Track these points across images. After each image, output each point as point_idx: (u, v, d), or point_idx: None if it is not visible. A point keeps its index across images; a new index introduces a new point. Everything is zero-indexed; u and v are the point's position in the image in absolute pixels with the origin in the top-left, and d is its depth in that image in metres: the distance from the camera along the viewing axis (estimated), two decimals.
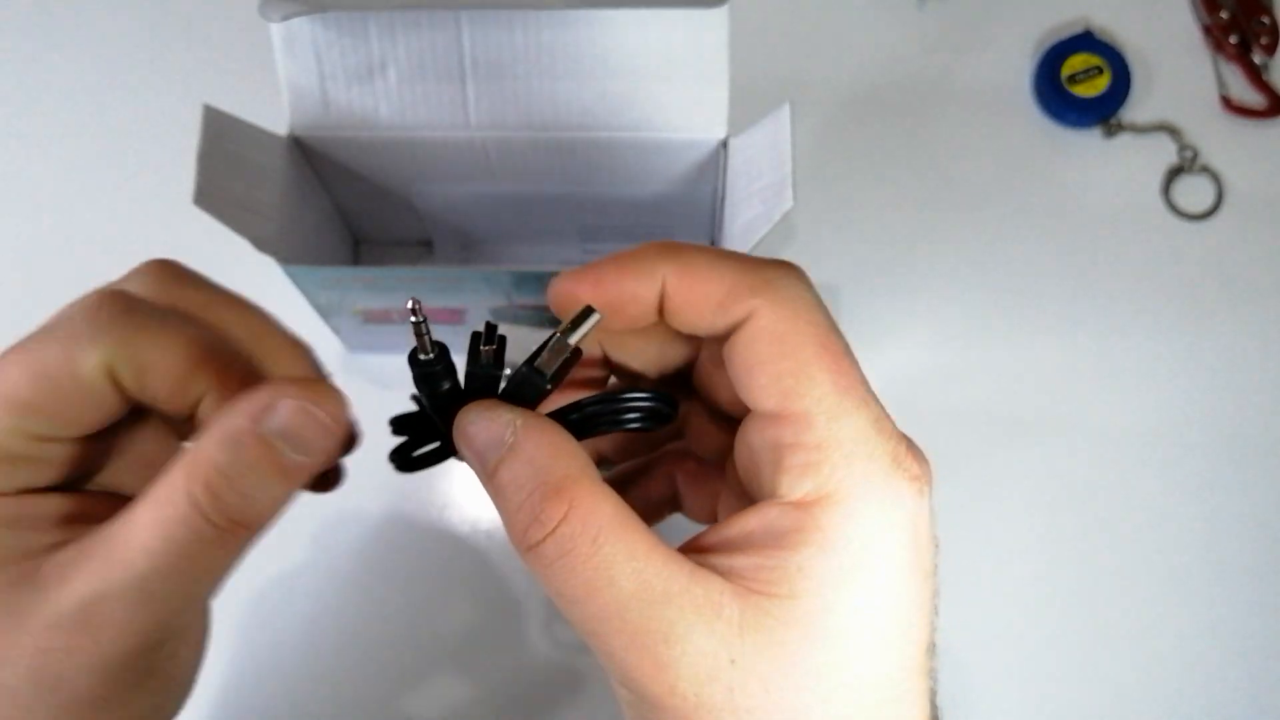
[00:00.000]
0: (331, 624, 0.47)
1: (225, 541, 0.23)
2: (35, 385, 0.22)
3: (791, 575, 0.22)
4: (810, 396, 0.23)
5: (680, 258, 0.24)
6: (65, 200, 0.55)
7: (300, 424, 0.23)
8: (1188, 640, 0.47)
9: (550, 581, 0.22)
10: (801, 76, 0.56)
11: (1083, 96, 0.54)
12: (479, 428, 0.24)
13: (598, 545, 0.22)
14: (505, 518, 0.23)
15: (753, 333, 0.23)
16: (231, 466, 0.22)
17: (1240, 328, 0.51)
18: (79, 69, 0.57)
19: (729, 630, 0.22)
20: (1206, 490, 0.49)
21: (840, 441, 0.22)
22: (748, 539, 0.23)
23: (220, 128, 0.38)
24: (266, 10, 0.40)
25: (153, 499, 0.23)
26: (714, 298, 0.24)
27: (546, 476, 0.22)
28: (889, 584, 0.23)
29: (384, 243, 0.53)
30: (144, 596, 0.22)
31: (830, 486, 0.22)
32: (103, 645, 0.22)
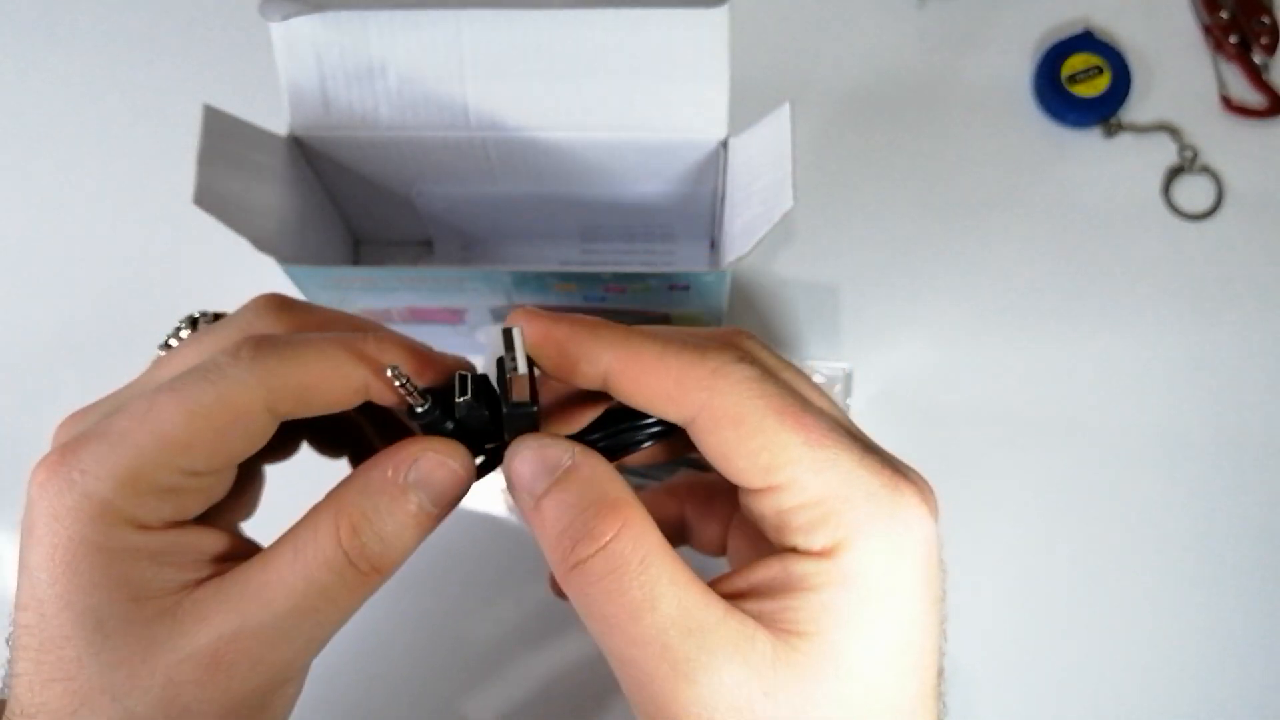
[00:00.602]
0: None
1: (361, 585, 0.25)
2: (191, 424, 0.23)
3: (817, 614, 0.23)
4: (789, 463, 0.23)
5: (625, 346, 0.24)
6: (65, 200, 0.55)
7: (439, 477, 0.25)
8: (1188, 640, 0.47)
9: (594, 601, 0.23)
10: (801, 76, 0.56)
11: (1083, 96, 0.54)
12: (535, 452, 0.24)
13: (645, 565, 0.23)
14: (552, 538, 0.24)
15: (710, 423, 0.24)
16: (376, 513, 0.24)
17: (1240, 328, 0.51)
18: (79, 69, 0.57)
19: (762, 664, 0.23)
20: (1206, 490, 0.49)
21: (834, 491, 0.23)
22: (770, 585, 0.24)
23: (220, 128, 0.38)
24: (266, 10, 0.40)
25: (296, 541, 0.24)
26: (662, 392, 0.24)
27: (603, 494, 0.24)
28: (905, 614, 0.24)
29: (384, 243, 0.53)
30: (279, 635, 0.24)
31: (841, 533, 0.23)
32: (234, 682, 0.23)
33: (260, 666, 0.24)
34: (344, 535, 0.24)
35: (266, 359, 0.24)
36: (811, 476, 0.23)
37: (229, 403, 0.24)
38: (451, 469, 0.25)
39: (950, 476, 0.49)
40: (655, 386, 0.24)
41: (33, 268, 0.54)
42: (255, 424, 0.24)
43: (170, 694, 0.23)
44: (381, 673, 0.47)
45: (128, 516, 0.23)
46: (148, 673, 0.23)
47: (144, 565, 0.24)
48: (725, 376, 0.24)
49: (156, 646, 0.23)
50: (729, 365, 0.24)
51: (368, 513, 0.24)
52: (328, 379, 0.25)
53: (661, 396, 0.24)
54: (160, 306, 0.53)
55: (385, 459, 0.25)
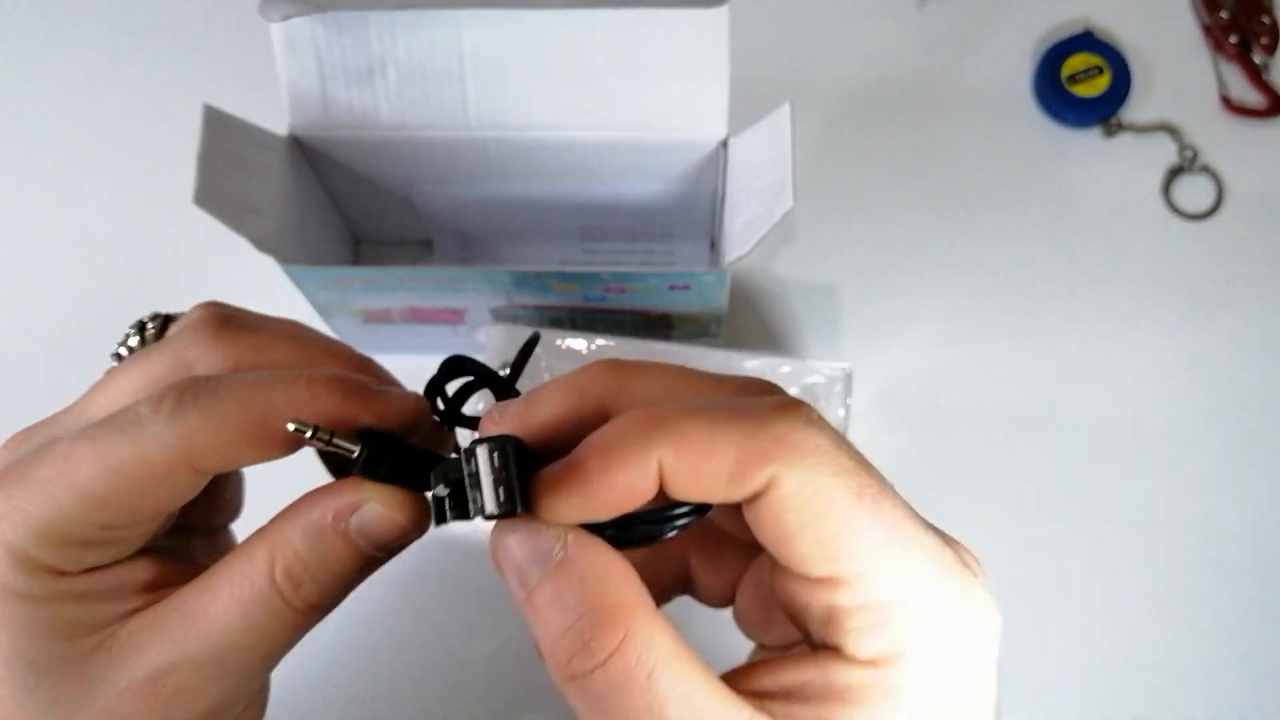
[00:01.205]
0: (325, 623, 0.47)
1: (299, 622, 0.24)
2: (109, 481, 0.22)
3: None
4: (861, 557, 0.21)
5: (673, 431, 0.21)
6: (65, 200, 0.55)
7: (383, 529, 0.23)
8: (1188, 640, 0.47)
9: (595, 714, 0.21)
10: (801, 76, 0.56)
11: (1083, 96, 0.54)
12: (521, 540, 0.22)
13: (652, 682, 0.20)
14: (545, 641, 0.21)
15: (778, 502, 0.21)
16: (313, 556, 0.23)
17: (1240, 327, 0.51)
18: (79, 69, 0.57)
19: None
20: (1206, 490, 0.49)
21: (905, 597, 0.21)
22: (805, 690, 0.21)
23: (220, 128, 0.38)
24: (266, 10, 0.40)
25: (232, 576, 0.23)
26: (723, 472, 0.21)
27: (600, 600, 0.21)
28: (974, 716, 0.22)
29: (384, 243, 0.53)
30: (219, 666, 0.23)
31: (900, 646, 0.21)
32: (176, 711, 0.23)
33: (202, 695, 0.23)
34: (278, 574, 0.23)
35: (187, 414, 0.22)
36: (881, 578, 0.21)
37: (146, 460, 0.22)
38: (396, 524, 0.23)
39: (950, 476, 0.49)
40: (716, 468, 0.21)
41: (32, 268, 0.54)
42: (176, 481, 0.23)
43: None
44: (381, 680, 0.47)
45: (46, 566, 0.22)
46: (86, 706, 0.22)
47: (70, 607, 0.23)
48: (795, 448, 0.21)
49: (93, 681, 0.22)
50: (796, 430, 0.21)
51: (303, 555, 0.23)
52: (253, 434, 0.23)
53: (724, 478, 0.21)
54: (160, 307, 0.53)
55: (326, 500, 0.23)
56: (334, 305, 0.45)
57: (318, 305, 0.45)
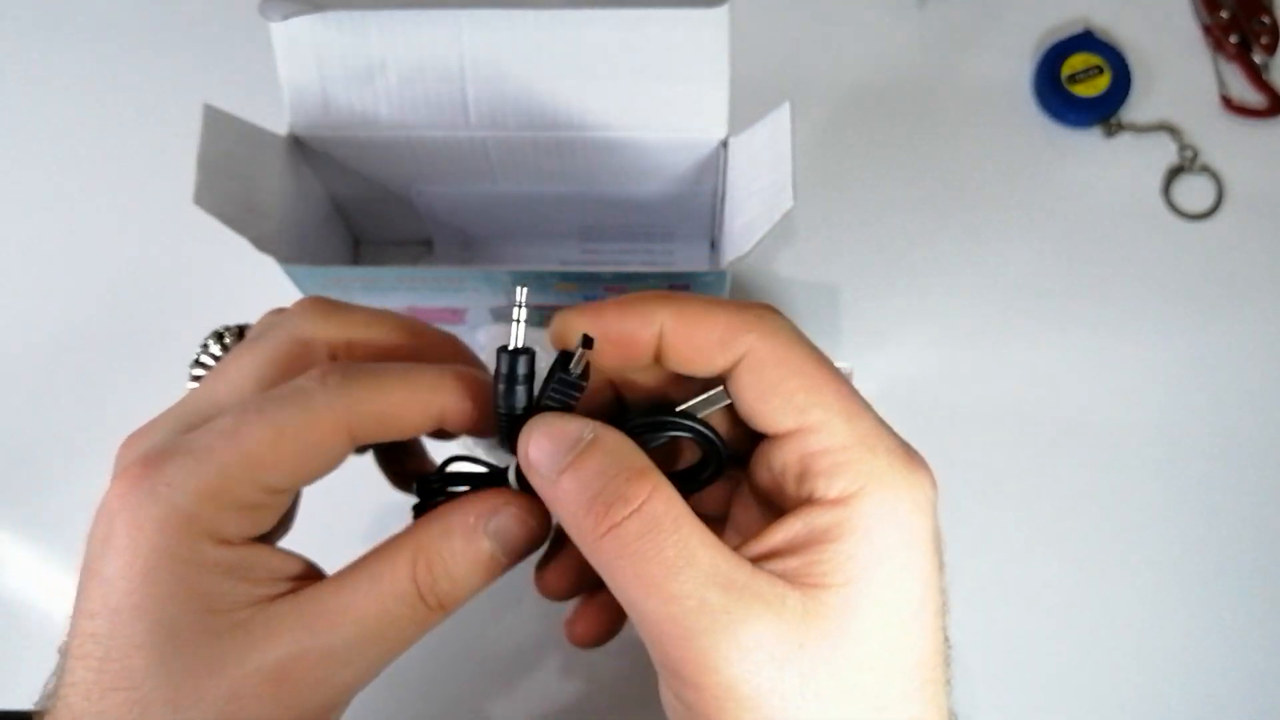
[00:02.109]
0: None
1: (426, 618, 0.26)
2: (278, 445, 0.25)
3: (842, 564, 0.24)
4: (824, 405, 0.25)
5: (677, 304, 0.26)
6: (65, 200, 0.55)
7: (516, 532, 0.27)
8: (1188, 640, 0.47)
9: (629, 563, 0.23)
10: (801, 76, 0.56)
11: (1083, 96, 0.54)
12: (554, 428, 0.25)
13: (678, 525, 0.23)
14: (580, 507, 0.24)
15: (756, 363, 0.25)
16: (453, 556, 0.26)
17: (1240, 327, 0.51)
18: (79, 69, 0.57)
19: (794, 618, 0.23)
20: (1206, 490, 0.49)
21: (861, 438, 0.25)
22: (792, 543, 0.24)
23: (220, 128, 0.38)
24: (266, 10, 0.40)
25: (372, 572, 0.26)
26: (713, 338, 0.26)
27: (630, 463, 0.24)
28: (921, 571, 0.24)
29: (384, 243, 0.53)
30: (345, 658, 0.25)
31: (862, 479, 0.24)
32: (296, 699, 0.24)
33: (322, 687, 0.24)
34: (419, 571, 0.26)
35: (353, 387, 0.26)
36: (841, 422, 0.25)
37: (315, 426, 0.25)
38: (530, 527, 0.27)
39: (950, 476, 0.49)
40: (706, 335, 0.26)
41: (32, 268, 0.54)
42: (336, 447, 0.26)
43: (232, 708, 0.23)
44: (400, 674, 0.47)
45: (209, 530, 0.24)
46: (214, 685, 0.23)
47: (221, 579, 0.24)
48: (769, 322, 0.26)
49: (225, 659, 0.24)
50: (770, 314, 0.26)
51: (444, 553, 0.26)
52: (408, 408, 0.26)
53: (712, 343, 0.26)
54: (161, 306, 0.53)
55: (469, 506, 0.27)
56: None
57: None
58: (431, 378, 0.27)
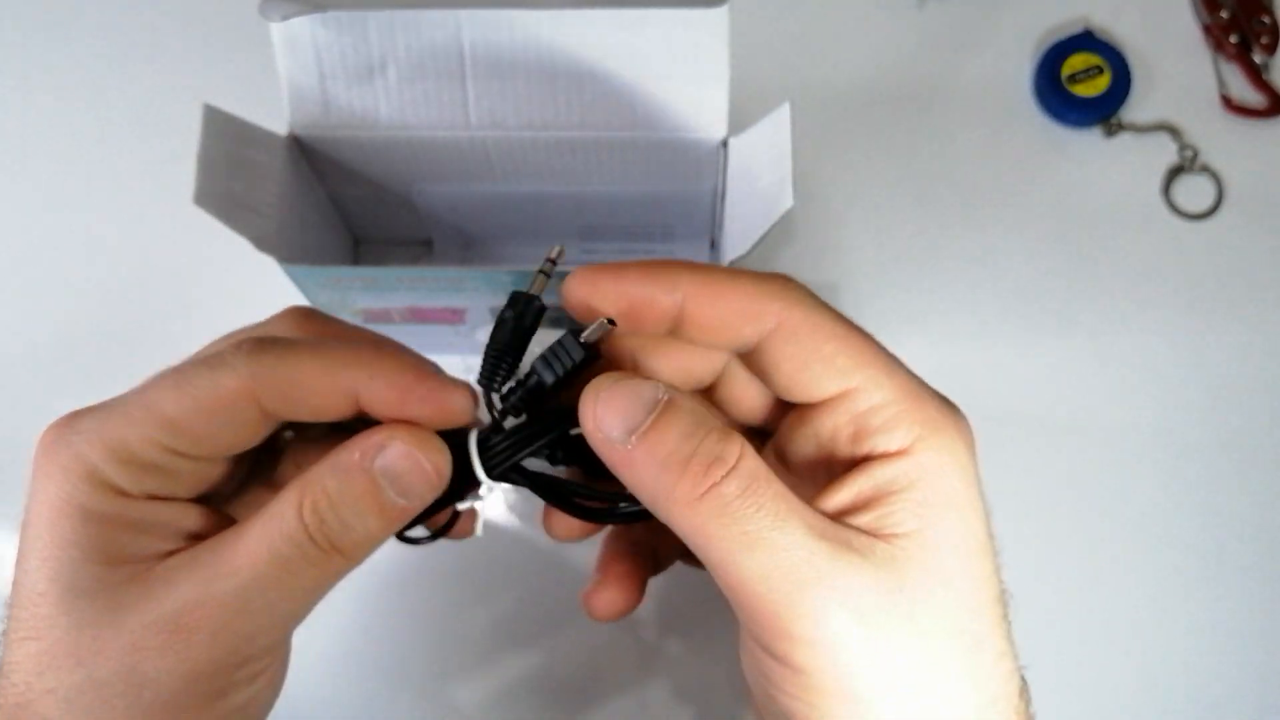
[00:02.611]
0: (326, 623, 0.47)
1: (322, 563, 0.25)
2: (180, 404, 0.24)
3: (915, 511, 0.24)
4: (865, 364, 0.25)
5: (701, 272, 0.25)
6: (65, 200, 0.55)
7: (405, 468, 0.25)
8: (1188, 640, 0.47)
9: (725, 525, 0.23)
10: (801, 76, 0.56)
11: (1083, 96, 0.54)
12: (624, 390, 0.24)
13: (771, 480, 0.23)
14: (670, 471, 0.23)
15: (789, 332, 0.25)
16: (338, 493, 0.24)
17: (1241, 327, 0.51)
18: (79, 69, 0.57)
19: (886, 566, 0.23)
20: (1207, 489, 0.49)
21: (908, 392, 0.25)
22: (860, 497, 0.24)
23: (220, 128, 0.38)
24: (266, 10, 0.40)
25: (264, 515, 0.25)
26: (738, 308, 0.25)
27: (714, 422, 0.24)
28: (979, 511, 0.25)
29: (384, 243, 0.53)
30: (240, 605, 0.24)
31: (918, 430, 0.24)
32: (192, 649, 0.24)
33: (220, 635, 0.24)
34: (305, 510, 0.24)
35: (262, 354, 0.25)
36: (885, 378, 0.25)
37: (218, 389, 0.24)
38: (417, 462, 0.25)
39: None
40: (732, 304, 0.25)
41: (32, 268, 0.54)
42: (242, 415, 0.25)
43: (132, 661, 0.23)
44: (379, 666, 0.47)
45: (110, 482, 0.24)
46: (113, 636, 0.23)
47: (121, 531, 0.24)
48: (796, 290, 0.25)
49: (124, 610, 0.23)
50: (793, 283, 0.26)
51: (329, 492, 0.24)
52: (316, 380, 0.25)
53: (738, 313, 0.25)
54: (161, 306, 0.53)
55: (357, 441, 0.25)
56: (334, 305, 0.45)
57: (318, 305, 0.45)
58: (345, 352, 0.26)
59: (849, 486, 0.24)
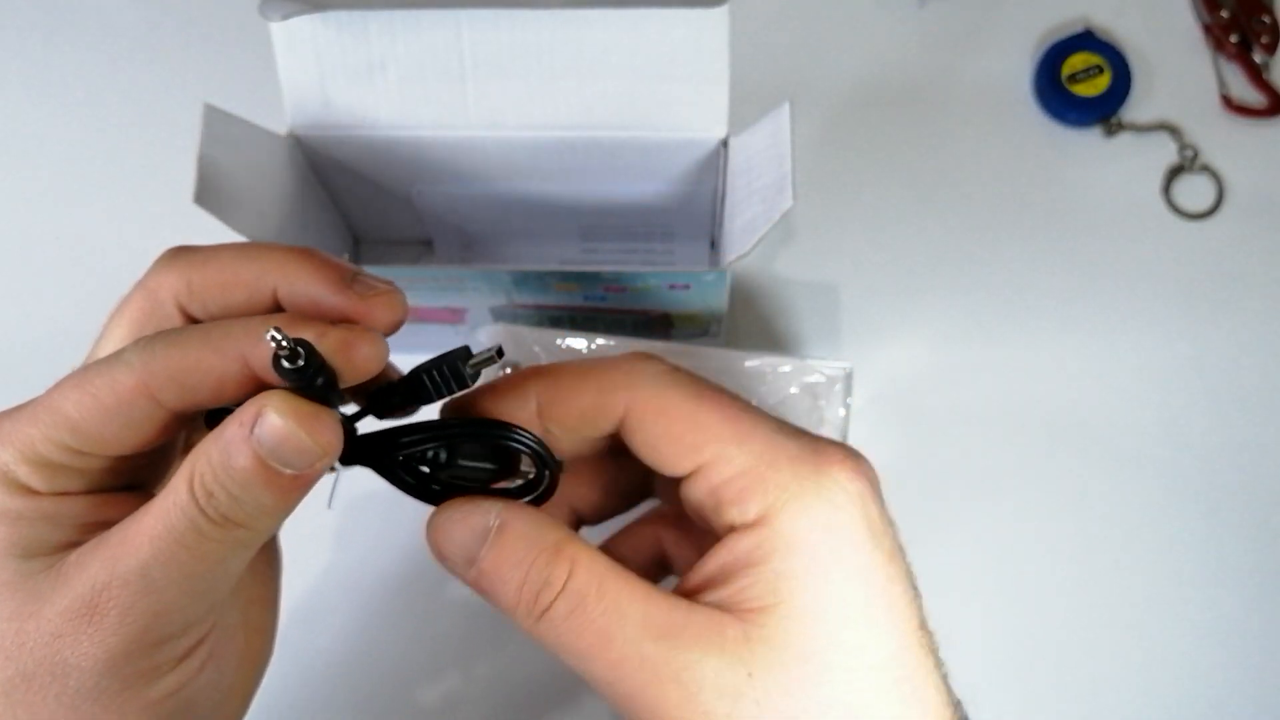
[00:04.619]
0: (326, 623, 0.47)
1: (221, 537, 0.24)
2: (81, 404, 0.24)
3: (771, 583, 0.24)
4: (712, 439, 0.25)
5: (548, 378, 0.27)
6: (65, 200, 0.55)
7: (282, 441, 0.23)
8: (1188, 640, 0.47)
9: (565, 641, 0.24)
10: (801, 76, 0.56)
11: (1083, 96, 0.54)
12: (458, 519, 0.25)
13: (603, 591, 0.24)
14: (507, 596, 0.24)
15: (637, 419, 0.26)
16: (221, 465, 0.24)
17: (1241, 327, 0.51)
18: (79, 68, 0.57)
19: (738, 648, 0.23)
20: (1206, 490, 0.49)
21: (759, 458, 0.25)
22: (721, 571, 0.25)
23: (220, 127, 0.38)
24: (266, 10, 0.40)
25: (163, 492, 0.25)
26: (587, 405, 0.26)
27: (542, 543, 0.24)
28: (857, 570, 0.24)
29: (384, 243, 0.53)
30: (145, 583, 0.24)
31: (771, 498, 0.24)
32: (105, 632, 0.24)
33: (129, 615, 0.24)
34: (195, 484, 0.24)
35: (154, 346, 0.25)
36: (735, 449, 0.25)
37: (114, 386, 0.24)
38: (298, 441, 0.23)
39: (950, 476, 0.49)
40: (582, 400, 0.26)
41: (32, 267, 0.54)
42: (138, 411, 0.24)
43: (53, 649, 0.23)
44: (360, 667, 0.47)
45: (20, 482, 0.24)
46: (35, 627, 0.24)
47: (35, 526, 0.24)
48: (640, 374, 0.26)
49: (41, 600, 0.24)
50: (640, 364, 0.27)
51: (214, 464, 0.24)
52: (206, 362, 0.24)
53: (591, 408, 0.26)
54: None
55: (239, 412, 0.24)
56: None
57: None
58: (227, 329, 0.25)
59: (710, 560, 0.25)
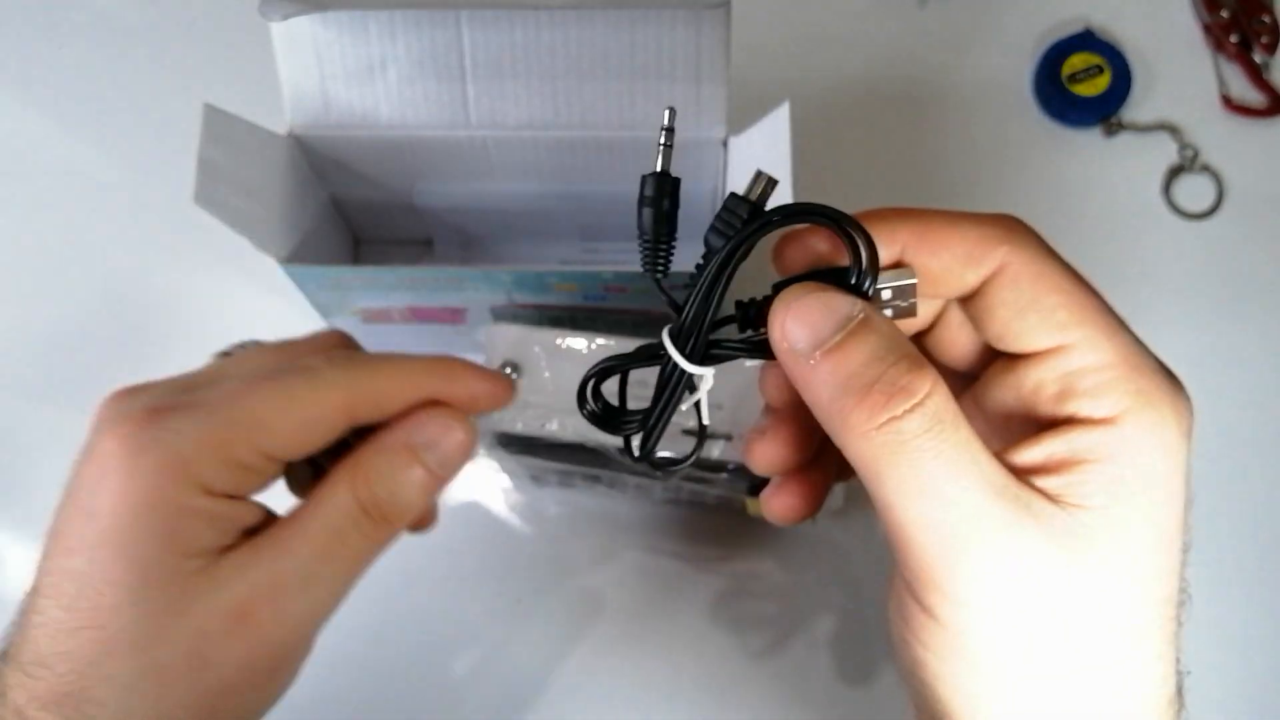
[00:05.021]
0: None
1: (374, 532, 0.27)
2: (286, 414, 0.26)
3: (1106, 486, 0.22)
4: (1086, 322, 0.23)
5: (919, 220, 0.24)
6: (65, 200, 0.55)
7: (441, 439, 0.28)
8: (1188, 640, 0.47)
9: (903, 463, 0.21)
10: (801, 76, 0.56)
11: (1083, 95, 0.54)
12: (820, 300, 0.23)
13: (958, 424, 0.21)
14: (851, 394, 0.22)
15: (1010, 278, 0.24)
16: (386, 468, 0.28)
17: (1241, 327, 0.51)
18: (79, 68, 0.57)
19: (1062, 537, 0.22)
20: (1206, 489, 0.49)
21: (1126, 356, 0.23)
22: (1052, 461, 0.23)
23: (220, 127, 0.38)
24: (266, 10, 0.40)
25: (317, 498, 0.27)
26: (960, 254, 0.24)
27: (907, 349, 0.22)
28: (1177, 499, 0.23)
29: (384, 242, 0.53)
30: (301, 583, 0.26)
31: (1129, 400, 0.23)
32: (257, 634, 0.25)
33: (283, 618, 0.26)
34: (358, 486, 0.27)
35: (357, 368, 0.28)
36: (1104, 339, 0.23)
37: (321, 398, 0.26)
38: (454, 432, 0.28)
39: None
40: (955, 249, 0.24)
41: (32, 267, 0.54)
42: (334, 422, 0.27)
43: (197, 645, 0.25)
44: (376, 662, 0.47)
45: (202, 481, 0.25)
46: (179, 625, 0.24)
47: (201, 525, 0.25)
48: (1022, 235, 0.24)
49: (191, 599, 0.25)
50: (1020, 226, 0.25)
51: (380, 467, 0.28)
52: (401, 390, 0.28)
53: (962, 258, 0.24)
54: (161, 306, 0.53)
55: (399, 423, 0.28)
56: (334, 305, 0.45)
57: (318, 305, 0.45)
58: (421, 363, 0.29)
59: (1042, 445, 0.23)
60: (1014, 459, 0.23)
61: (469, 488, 0.49)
